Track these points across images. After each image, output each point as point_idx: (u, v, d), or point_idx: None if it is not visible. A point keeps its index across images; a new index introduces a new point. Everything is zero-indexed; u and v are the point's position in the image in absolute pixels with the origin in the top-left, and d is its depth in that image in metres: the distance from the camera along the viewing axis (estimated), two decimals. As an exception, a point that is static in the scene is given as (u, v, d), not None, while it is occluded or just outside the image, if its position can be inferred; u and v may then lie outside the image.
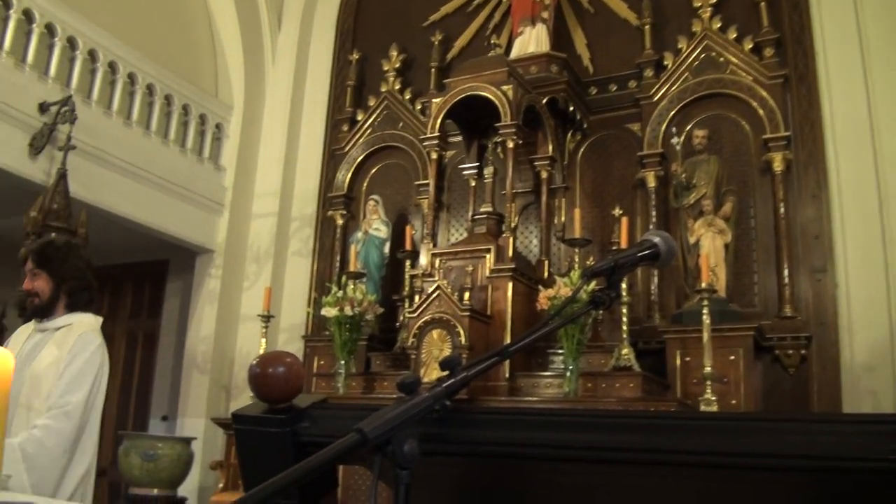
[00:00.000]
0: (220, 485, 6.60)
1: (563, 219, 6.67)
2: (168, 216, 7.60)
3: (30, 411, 3.01)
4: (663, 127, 6.40)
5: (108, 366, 3.34)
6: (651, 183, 6.34)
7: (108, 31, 7.14)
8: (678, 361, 5.63)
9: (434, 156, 6.51)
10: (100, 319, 3.42)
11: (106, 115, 7.12)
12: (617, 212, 6.20)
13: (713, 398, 5.01)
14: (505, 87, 5.98)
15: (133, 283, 9.66)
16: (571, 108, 6.59)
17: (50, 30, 6.66)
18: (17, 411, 2.95)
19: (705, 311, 5.16)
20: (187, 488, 6.72)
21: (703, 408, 5.02)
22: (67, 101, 6.39)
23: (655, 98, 6.50)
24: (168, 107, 7.78)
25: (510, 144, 6.00)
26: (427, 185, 6.73)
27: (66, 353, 3.14)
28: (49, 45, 6.68)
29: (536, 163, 6.57)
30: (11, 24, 6.33)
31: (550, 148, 6.52)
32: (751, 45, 6.28)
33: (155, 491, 6.19)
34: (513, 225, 6.09)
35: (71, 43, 6.84)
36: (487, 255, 5.91)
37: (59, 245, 3.34)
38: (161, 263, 9.31)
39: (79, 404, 3.08)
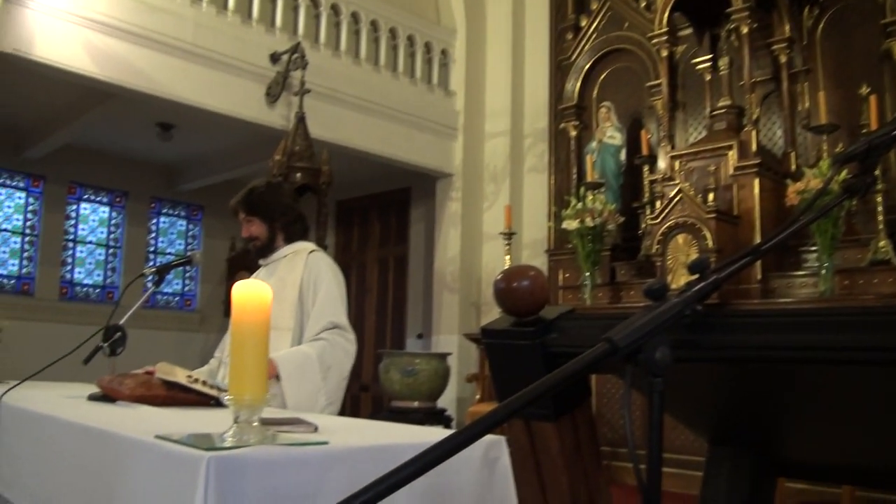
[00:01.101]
0: (477, 396, 6.87)
1: (806, 105, 6.14)
2: (405, 146, 7.86)
3: (273, 330, 3.28)
4: (908, -14, 5.70)
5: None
6: (899, 53, 5.68)
7: (327, -26, 7.40)
8: (940, 250, 5.13)
9: (664, 53, 6.26)
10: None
11: (335, 57, 7.42)
12: (864, 90, 5.64)
13: (982, 288, 4.56)
14: (734, -32, 5.60)
15: (379, 212, 10.13)
16: (807, -19, 6.05)
17: (270, -17, 7.01)
18: None
19: (966, 191, 4.66)
20: (446, 400, 7.07)
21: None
22: (296, 49, 6.72)
23: (896, -47, 5.76)
24: (393, 40, 7.98)
25: (744, 30, 5.65)
26: (659, 84, 6.48)
27: (303, 272, 3.36)
28: (272, -1, 7.03)
29: (774, 46, 6.11)
30: (231, -16, 6.71)
31: (787, 28, 6.04)
32: None
33: (415, 403, 6.57)
34: (754, 117, 5.76)
35: (292, -8, 7.17)
36: (729, 152, 5.65)
37: (262, 189, 3.49)
38: (403, 191, 9.68)
39: (348, 326, 3.33)
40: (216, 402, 2.47)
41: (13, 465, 2.28)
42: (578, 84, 7.44)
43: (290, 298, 3.31)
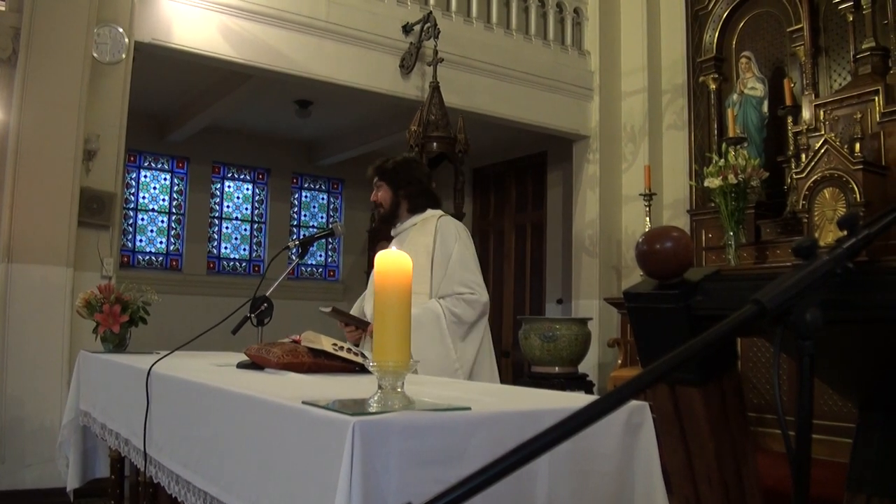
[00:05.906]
0: (619, 361, 6.80)
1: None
2: (540, 109, 7.77)
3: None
4: None
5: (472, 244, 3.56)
6: None
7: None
8: None
9: (805, -7, 5.93)
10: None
11: (467, 24, 7.40)
12: None
13: None
14: None
15: (515, 178, 10.11)
16: None
17: (398, -48, 7.02)
18: None
19: None
20: (587, 365, 7.03)
21: None
22: (428, 18, 6.76)
23: None
24: (524, 1, 7.88)
25: (890, -36, 5.31)
26: (800, 29, 6.17)
27: (434, 236, 3.43)
28: (398, -32, 7.05)
29: (923, -21, 5.70)
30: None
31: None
32: None
33: (556, 369, 6.56)
34: (903, 59, 5.42)
35: (419, -39, 7.16)
36: (876, 98, 5.33)
37: (396, 160, 3.62)
38: (539, 156, 9.62)
39: (479, 283, 3.38)
40: (360, 369, 2.53)
41: (164, 431, 2.40)
42: (716, 34, 7.13)
43: (422, 263, 3.36)
